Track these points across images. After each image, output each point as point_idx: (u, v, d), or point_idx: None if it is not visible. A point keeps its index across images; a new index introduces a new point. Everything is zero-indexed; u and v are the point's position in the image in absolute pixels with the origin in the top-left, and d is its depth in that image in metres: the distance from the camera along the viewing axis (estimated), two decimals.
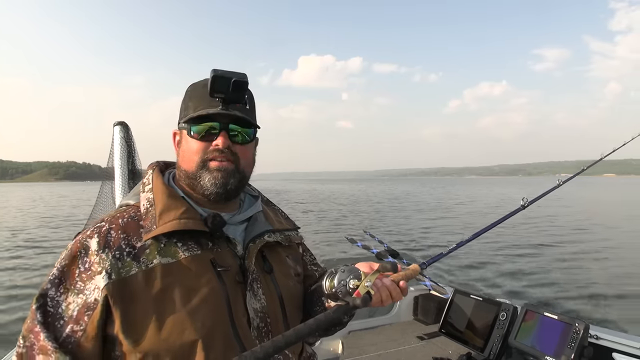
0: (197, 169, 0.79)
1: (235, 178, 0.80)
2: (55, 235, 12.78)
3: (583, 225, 14.18)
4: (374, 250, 1.01)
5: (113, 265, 0.70)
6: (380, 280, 0.79)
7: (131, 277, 0.70)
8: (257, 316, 0.78)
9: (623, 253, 9.43)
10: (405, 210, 21.59)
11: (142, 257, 0.72)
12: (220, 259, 0.78)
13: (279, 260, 0.90)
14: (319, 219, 16.79)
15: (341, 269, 0.79)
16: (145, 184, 0.84)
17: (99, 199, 1.80)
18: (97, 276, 0.69)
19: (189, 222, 0.76)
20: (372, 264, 0.88)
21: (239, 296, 0.77)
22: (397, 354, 1.88)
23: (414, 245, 10.26)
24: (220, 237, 0.80)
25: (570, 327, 1.44)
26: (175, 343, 0.69)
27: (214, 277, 0.75)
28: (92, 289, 0.69)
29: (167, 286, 0.71)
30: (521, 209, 1.26)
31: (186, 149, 0.81)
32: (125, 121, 1.71)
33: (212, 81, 0.74)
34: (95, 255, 0.71)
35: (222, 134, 0.78)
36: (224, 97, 0.76)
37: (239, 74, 0.76)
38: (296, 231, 1.00)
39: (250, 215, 0.89)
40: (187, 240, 0.76)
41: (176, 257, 0.74)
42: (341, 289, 0.76)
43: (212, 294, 0.74)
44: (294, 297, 0.89)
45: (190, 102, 0.81)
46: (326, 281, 0.81)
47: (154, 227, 0.74)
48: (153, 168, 0.87)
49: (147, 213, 0.77)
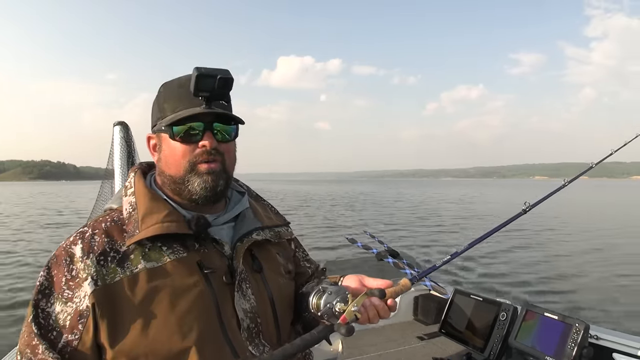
0: (186, 173, 0.76)
1: (223, 179, 0.78)
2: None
3: (583, 225, 14.17)
4: (374, 250, 1.00)
5: (98, 272, 0.69)
6: (368, 300, 0.77)
7: (116, 284, 0.69)
8: (247, 317, 0.77)
9: (623, 252, 9.42)
10: (399, 210, 21.67)
11: (126, 262, 0.71)
12: (207, 261, 0.76)
13: (269, 258, 0.88)
14: (309, 219, 16.84)
15: (329, 291, 0.77)
16: (128, 188, 0.82)
17: (98, 199, 1.81)
18: (84, 283, 0.68)
19: (172, 226, 0.74)
20: (362, 279, 0.87)
21: (227, 297, 0.76)
22: (397, 354, 1.88)
23: (411, 244, 10.26)
24: (206, 238, 0.78)
25: (570, 327, 1.44)
26: (163, 348, 0.68)
27: (201, 280, 0.74)
28: (82, 297, 0.68)
29: (153, 291, 0.70)
30: (522, 214, 1.20)
31: (169, 153, 0.78)
32: (124, 121, 1.71)
33: (196, 80, 0.71)
34: (80, 262, 0.69)
35: (207, 134, 0.76)
36: (209, 95, 0.73)
37: (223, 71, 0.73)
38: (287, 227, 0.97)
39: (238, 213, 0.87)
40: (172, 243, 0.75)
41: (161, 261, 0.72)
42: (327, 312, 0.74)
43: (200, 297, 0.72)
44: (285, 296, 0.87)
45: (166, 103, 0.78)
46: (313, 298, 0.79)
47: (136, 231, 0.73)
48: (135, 171, 0.85)
49: (130, 217, 0.75)
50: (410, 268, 1.96)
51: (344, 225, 14.54)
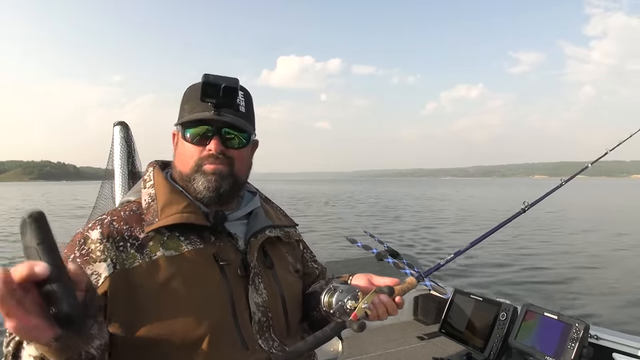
0: (192, 172, 0.79)
1: (228, 182, 0.80)
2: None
3: (583, 225, 14.18)
4: (374, 250, 1.01)
5: (118, 256, 0.70)
6: (377, 297, 0.80)
7: (135, 269, 0.70)
8: (259, 310, 0.79)
9: (623, 253, 9.43)
10: (398, 211, 21.70)
11: (145, 249, 0.73)
12: (223, 253, 0.78)
13: (280, 255, 0.91)
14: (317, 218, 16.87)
15: (340, 289, 0.80)
16: (147, 181, 0.85)
17: (98, 199, 1.80)
18: (99, 263, 0.69)
19: (191, 216, 0.76)
20: (370, 278, 0.89)
21: (241, 290, 0.78)
22: (397, 354, 1.88)
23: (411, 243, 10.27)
24: (222, 231, 0.81)
25: (570, 327, 1.44)
26: (178, 335, 0.69)
27: (217, 271, 0.76)
28: (88, 274, 0.67)
29: (171, 278, 0.71)
30: (521, 213, 1.22)
31: (181, 151, 0.82)
32: (125, 121, 1.71)
33: (202, 87, 0.74)
34: (99, 243, 0.71)
35: (214, 138, 0.78)
36: (215, 102, 0.76)
37: (230, 79, 0.75)
38: (295, 228, 1.01)
39: (250, 211, 0.90)
40: (189, 234, 0.77)
41: (179, 250, 0.75)
42: (339, 309, 0.78)
43: (216, 288, 0.75)
44: (294, 293, 0.90)
45: (186, 104, 0.82)
46: (325, 296, 0.82)
47: (156, 220, 0.75)
48: (154, 166, 0.88)
49: (149, 207, 0.78)
50: (411, 268, 1.96)
51: (343, 225, 14.56)
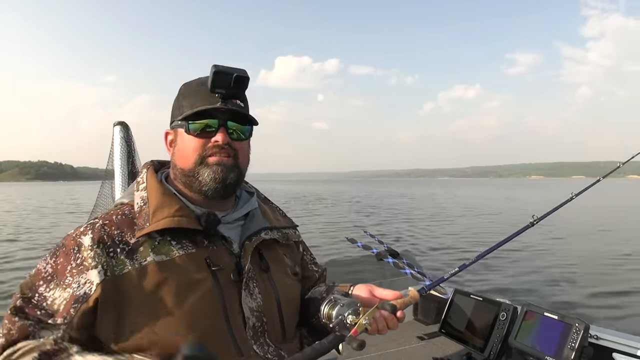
0: (195, 166, 0.78)
1: (234, 173, 0.79)
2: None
3: (583, 225, 14.18)
4: (374, 250, 1.01)
5: (108, 263, 0.69)
6: (379, 312, 0.79)
7: (124, 275, 0.69)
8: (253, 315, 0.78)
9: (623, 252, 9.43)
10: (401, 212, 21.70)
11: (135, 254, 0.72)
12: (216, 258, 0.77)
13: (277, 258, 0.89)
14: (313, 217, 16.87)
15: (341, 302, 0.79)
16: (140, 183, 0.83)
17: (98, 199, 1.80)
18: (91, 271, 0.68)
19: (182, 220, 0.75)
20: (372, 289, 0.88)
21: (234, 295, 0.76)
22: (397, 354, 1.88)
23: (411, 242, 10.26)
24: (215, 235, 0.79)
25: (570, 327, 1.44)
26: (168, 342, 0.68)
27: (209, 276, 0.74)
28: (82, 282, 0.68)
29: (161, 284, 0.70)
30: (529, 227, 1.21)
31: (182, 147, 0.80)
32: (125, 121, 1.71)
33: (213, 77, 0.73)
34: (90, 250, 0.70)
35: (221, 130, 0.77)
36: (225, 92, 0.76)
37: (240, 70, 0.76)
38: (294, 229, 0.98)
39: (247, 212, 0.88)
40: (181, 238, 0.76)
41: (170, 255, 0.73)
42: (339, 323, 0.76)
43: (207, 293, 0.73)
44: (291, 297, 0.88)
45: (185, 100, 0.80)
46: (325, 308, 0.80)
47: (147, 224, 0.74)
48: (147, 167, 0.86)
49: (141, 211, 0.77)
50: (410, 268, 1.96)
51: (343, 225, 14.54)
